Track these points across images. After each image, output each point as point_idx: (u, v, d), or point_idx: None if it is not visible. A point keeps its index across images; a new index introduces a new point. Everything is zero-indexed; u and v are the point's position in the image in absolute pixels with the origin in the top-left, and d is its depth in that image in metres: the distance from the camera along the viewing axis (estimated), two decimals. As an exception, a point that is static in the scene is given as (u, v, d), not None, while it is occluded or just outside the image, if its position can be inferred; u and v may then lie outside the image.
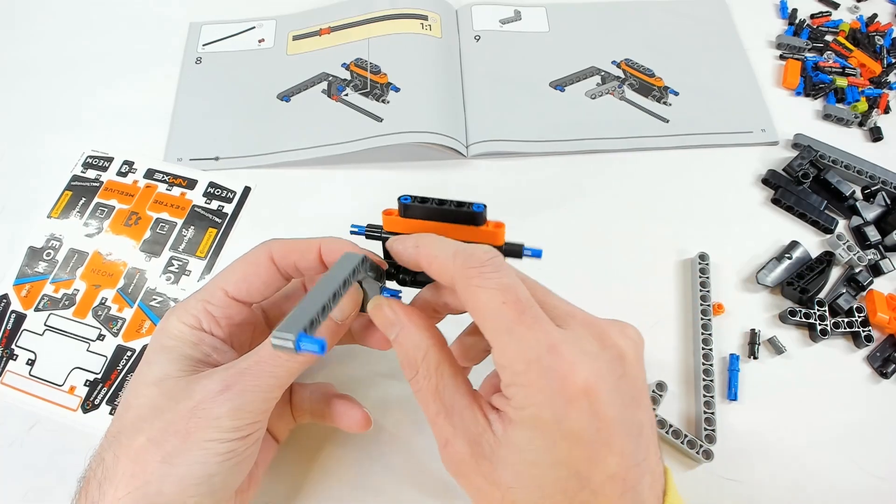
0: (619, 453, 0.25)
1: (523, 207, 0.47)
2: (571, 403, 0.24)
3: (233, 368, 0.29)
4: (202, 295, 0.31)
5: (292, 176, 0.49)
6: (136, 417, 0.28)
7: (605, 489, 0.24)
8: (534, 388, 0.24)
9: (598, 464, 0.24)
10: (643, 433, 0.26)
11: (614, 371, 0.25)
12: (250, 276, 0.32)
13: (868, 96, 0.53)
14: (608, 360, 0.25)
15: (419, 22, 0.56)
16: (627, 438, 0.25)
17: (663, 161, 0.50)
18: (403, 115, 0.50)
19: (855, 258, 0.44)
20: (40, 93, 0.53)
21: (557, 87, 0.54)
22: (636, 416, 0.26)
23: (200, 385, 0.28)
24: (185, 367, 0.29)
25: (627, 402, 0.25)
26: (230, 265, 0.32)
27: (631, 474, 0.25)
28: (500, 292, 0.25)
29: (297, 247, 0.32)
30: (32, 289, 0.44)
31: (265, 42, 0.57)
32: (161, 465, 0.26)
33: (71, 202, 0.47)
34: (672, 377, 0.40)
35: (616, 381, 0.25)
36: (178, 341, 0.30)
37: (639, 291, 0.44)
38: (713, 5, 0.60)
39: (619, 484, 0.25)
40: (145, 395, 0.28)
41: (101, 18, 0.58)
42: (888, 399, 0.40)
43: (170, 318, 0.31)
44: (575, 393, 0.24)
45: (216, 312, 0.31)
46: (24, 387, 0.40)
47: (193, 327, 0.30)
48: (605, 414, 0.24)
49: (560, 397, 0.24)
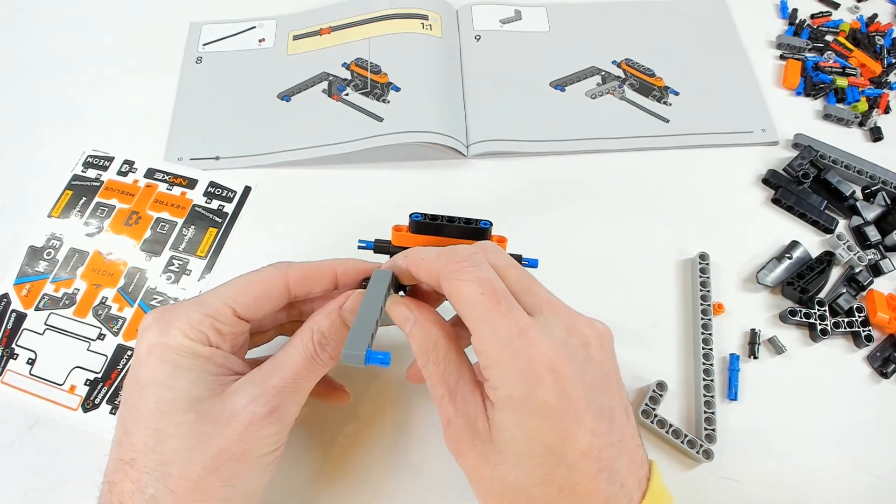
0: (589, 431, 0.26)
1: (523, 207, 0.47)
2: (538, 381, 0.26)
3: (268, 385, 0.29)
4: (206, 310, 0.30)
5: (292, 176, 0.49)
6: (183, 448, 0.27)
7: (579, 466, 0.26)
8: (505, 369, 0.26)
9: (570, 439, 0.26)
10: (615, 417, 0.28)
11: (579, 356, 0.28)
12: (261, 300, 0.31)
13: (868, 96, 0.53)
14: (574, 345, 0.28)
15: (419, 22, 0.56)
16: (598, 419, 0.27)
17: (663, 161, 0.50)
18: (404, 115, 0.50)
19: (855, 258, 0.44)
20: (41, 92, 0.53)
21: (558, 87, 0.54)
22: (604, 400, 0.28)
23: (241, 406, 0.28)
24: (211, 386, 0.29)
25: (595, 385, 0.27)
26: (240, 281, 0.32)
27: (605, 454, 0.26)
28: (479, 285, 0.28)
29: (313, 273, 0.32)
30: (33, 288, 0.44)
31: (265, 42, 0.57)
32: (223, 489, 0.28)
33: (71, 202, 0.47)
34: (672, 377, 0.40)
35: (582, 365, 0.27)
36: (194, 359, 0.29)
37: (639, 291, 0.44)
38: (713, 5, 0.60)
39: (594, 462, 0.26)
40: (183, 422, 0.28)
41: (102, 18, 0.58)
42: (888, 399, 0.40)
43: (169, 331, 0.29)
44: (541, 371, 0.26)
45: (224, 330, 0.30)
46: (25, 386, 0.40)
47: (203, 343, 0.30)
48: (572, 393, 0.26)
49: (528, 375, 0.26)
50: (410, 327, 0.30)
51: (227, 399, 0.29)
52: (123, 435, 0.28)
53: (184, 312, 0.30)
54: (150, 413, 0.28)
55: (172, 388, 0.28)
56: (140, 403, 0.28)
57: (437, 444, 0.37)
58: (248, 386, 0.29)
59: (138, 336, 0.30)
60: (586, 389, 0.27)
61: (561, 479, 0.26)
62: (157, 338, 0.29)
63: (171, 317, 0.29)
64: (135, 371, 0.29)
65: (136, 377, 0.29)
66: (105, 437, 0.38)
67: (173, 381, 0.28)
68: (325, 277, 0.33)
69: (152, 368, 0.28)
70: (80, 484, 0.37)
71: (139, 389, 0.28)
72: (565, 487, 0.26)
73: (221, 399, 0.28)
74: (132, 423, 0.28)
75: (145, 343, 0.29)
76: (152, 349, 0.29)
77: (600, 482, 0.26)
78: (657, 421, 0.38)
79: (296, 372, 0.30)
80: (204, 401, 0.28)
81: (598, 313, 0.31)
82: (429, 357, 0.29)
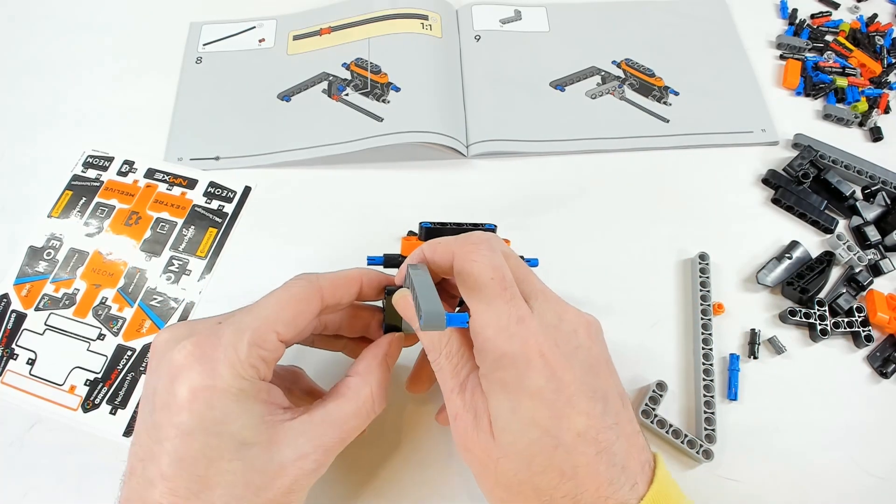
0: (584, 413, 0.27)
1: (523, 207, 0.47)
2: (530, 364, 0.27)
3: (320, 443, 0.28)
4: (252, 338, 0.28)
5: (292, 176, 0.49)
6: (229, 497, 0.26)
7: (577, 447, 0.27)
8: (499, 352, 0.27)
9: (564, 421, 0.27)
10: (609, 399, 0.28)
11: (570, 341, 0.29)
12: (299, 317, 0.30)
13: (868, 96, 0.53)
14: (565, 331, 0.29)
15: (419, 22, 0.56)
16: (591, 401, 0.27)
17: (663, 161, 0.50)
18: (404, 115, 0.50)
19: (855, 258, 0.44)
20: (41, 92, 0.53)
21: (558, 87, 0.54)
22: (596, 383, 0.29)
23: (290, 461, 0.27)
24: (258, 430, 0.27)
25: (585, 369, 0.28)
26: (275, 300, 0.30)
27: (602, 436, 0.27)
28: (490, 269, 0.29)
29: (341, 282, 0.32)
30: (33, 288, 0.44)
31: (265, 42, 0.57)
32: None
33: (71, 202, 0.47)
34: (672, 377, 0.40)
35: (572, 350, 0.29)
36: (243, 401, 0.27)
37: (639, 291, 0.44)
38: (713, 5, 0.60)
39: (592, 443, 0.27)
40: (230, 470, 0.26)
41: (102, 18, 0.58)
42: (888, 399, 0.40)
43: (217, 370, 0.26)
44: (532, 355, 0.27)
45: (269, 358, 0.28)
46: (25, 386, 0.40)
47: (253, 378, 0.27)
48: (562, 376, 0.27)
49: (520, 359, 0.27)
50: None
51: (276, 449, 0.27)
52: (160, 478, 0.25)
53: (230, 345, 0.27)
54: (194, 460, 0.26)
55: (220, 436, 0.26)
56: (182, 449, 0.26)
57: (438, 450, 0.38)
58: (300, 439, 0.28)
59: (172, 372, 0.26)
60: (577, 373, 0.28)
61: (561, 463, 0.26)
62: (202, 380, 0.26)
63: (215, 351, 0.27)
64: (173, 414, 0.26)
65: (175, 421, 0.26)
66: (105, 437, 0.39)
67: (221, 428, 0.26)
68: (353, 287, 0.32)
69: (198, 415, 0.26)
70: (80, 484, 0.37)
71: (182, 435, 0.26)
72: (567, 472, 0.26)
73: (269, 448, 0.27)
74: (172, 467, 0.25)
75: (187, 386, 0.26)
76: (198, 394, 0.26)
77: (601, 464, 0.27)
78: (657, 421, 0.38)
79: (351, 431, 0.30)
80: (251, 447, 0.27)
81: (598, 313, 0.31)
82: (442, 351, 0.30)
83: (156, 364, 0.28)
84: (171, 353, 0.27)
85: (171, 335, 0.28)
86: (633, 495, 0.27)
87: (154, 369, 0.28)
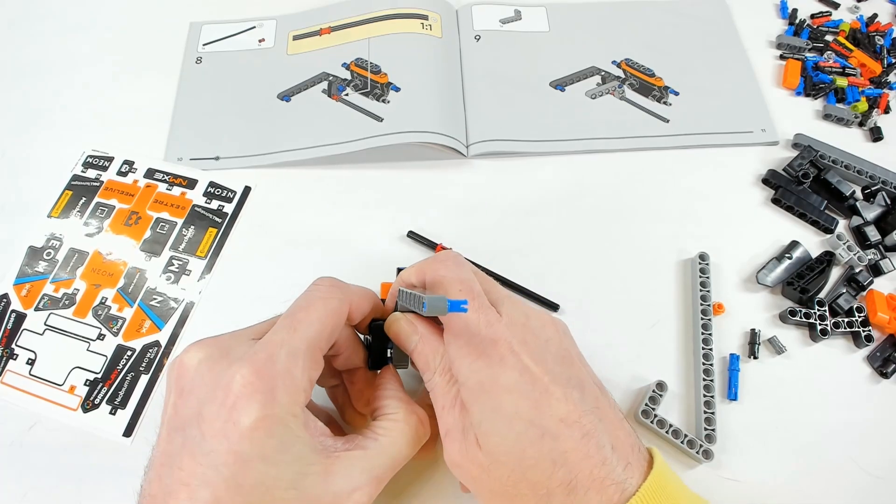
0: (562, 399, 0.28)
1: (523, 207, 0.47)
2: (503, 361, 0.28)
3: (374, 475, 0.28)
4: (306, 363, 0.28)
5: (292, 176, 0.49)
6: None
7: (562, 433, 0.27)
8: (473, 356, 0.29)
9: (545, 409, 0.28)
10: (585, 387, 0.30)
11: (539, 336, 0.30)
12: (335, 331, 0.30)
13: (868, 96, 0.53)
14: (533, 328, 0.31)
15: (419, 22, 0.56)
16: (567, 388, 0.29)
17: (663, 161, 0.50)
18: (404, 115, 0.50)
19: (855, 258, 0.44)
20: (41, 92, 0.53)
21: (557, 87, 0.54)
22: (570, 372, 0.30)
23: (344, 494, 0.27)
24: (313, 460, 0.27)
25: (557, 360, 0.30)
26: (315, 315, 0.29)
27: (585, 420, 0.28)
28: (459, 282, 0.30)
29: (364, 299, 0.33)
30: (32, 288, 0.44)
31: (265, 42, 0.57)
32: None
33: (71, 202, 0.47)
34: (672, 377, 0.40)
35: (543, 344, 0.30)
36: (300, 430, 0.27)
37: (639, 291, 0.44)
38: (713, 5, 0.60)
39: (576, 427, 0.27)
40: (286, 499, 0.26)
41: (102, 18, 0.58)
42: (888, 399, 0.40)
43: (276, 398, 0.26)
44: (504, 353, 0.28)
45: (315, 378, 0.29)
46: (24, 386, 0.40)
47: (305, 404, 0.28)
48: (535, 370, 0.28)
49: (492, 359, 0.28)
50: (416, 343, 0.32)
51: (330, 480, 0.27)
52: (214, 502, 0.25)
53: (287, 372, 0.27)
54: (252, 487, 0.25)
55: (278, 465, 0.26)
56: (241, 476, 0.25)
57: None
58: (354, 472, 0.28)
59: (231, 401, 0.26)
60: (549, 365, 0.29)
61: (551, 451, 0.27)
62: (263, 409, 0.26)
63: (273, 379, 0.26)
64: (232, 442, 0.25)
65: (235, 449, 0.25)
66: (104, 437, 0.39)
67: (280, 457, 0.26)
68: (370, 305, 0.33)
69: (258, 444, 0.25)
70: (81, 484, 0.37)
71: (241, 462, 0.25)
72: (558, 459, 0.27)
73: (324, 479, 0.27)
74: (229, 493, 0.25)
75: (249, 416, 0.25)
76: (259, 423, 0.25)
77: (589, 447, 0.27)
78: (657, 421, 0.38)
79: (403, 460, 0.30)
80: (307, 476, 0.26)
81: (598, 313, 0.32)
82: (435, 369, 0.31)
83: (192, 384, 0.27)
84: (224, 378, 0.26)
85: (205, 355, 0.28)
86: (627, 475, 0.27)
87: (190, 390, 0.27)
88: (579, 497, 0.27)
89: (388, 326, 0.33)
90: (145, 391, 0.40)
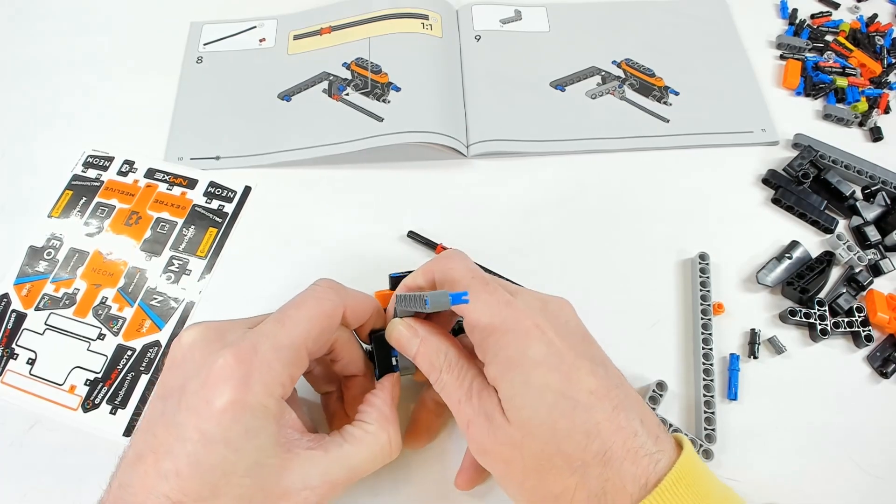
0: (590, 373, 0.28)
1: (524, 207, 0.47)
2: (529, 335, 0.29)
3: (328, 479, 0.28)
4: (288, 357, 0.28)
5: (293, 175, 0.49)
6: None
7: (594, 404, 0.28)
8: (497, 334, 0.29)
9: (575, 382, 0.28)
10: (607, 364, 0.30)
11: (557, 319, 0.31)
12: (325, 333, 0.31)
13: (868, 96, 0.53)
14: (551, 310, 0.31)
15: (420, 21, 0.56)
16: (593, 364, 0.29)
17: (663, 161, 0.50)
18: (404, 115, 0.50)
19: (855, 258, 0.44)
20: (41, 92, 0.53)
21: (558, 87, 0.54)
22: (591, 351, 0.31)
23: (295, 490, 0.27)
24: (273, 452, 0.27)
25: (577, 340, 0.30)
26: (306, 314, 0.30)
27: (613, 393, 0.28)
28: (469, 271, 0.31)
29: (362, 305, 0.33)
30: (33, 288, 0.44)
31: (266, 41, 0.57)
32: None
33: (71, 202, 0.47)
34: (672, 377, 0.40)
35: (562, 325, 0.31)
36: (266, 421, 0.27)
37: (639, 291, 0.44)
38: (713, 5, 0.60)
39: (606, 399, 0.28)
40: (239, 485, 0.26)
41: (102, 18, 0.58)
42: (888, 399, 0.40)
43: (250, 386, 0.27)
44: (528, 327, 0.29)
45: (296, 375, 0.29)
46: (25, 386, 0.40)
47: (280, 397, 0.28)
48: (560, 346, 0.29)
49: (518, 333, 0.29)
50: (417, 346, 0.32)
51: (284, 475, 0.27)
52: (175, 475, 0.26)
53: (266, 363, 0.28)
54: (211, 468, 0.26)
55: (238, 451, 0.26)
56: (202, 455, 0.26)
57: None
58: (309, 472, 0.28)
59: (210, 380, 0.27)
60: (571, 343, 0.29)
61: (584, 423, 0.27)
62: (236, 394, 0.26)
63: (251, 367, 0.27)
64: (201, 420, 0.26)
65: (202, 427, 0.26)
66: (105, 437, 0.39)
67: (242, 444, 0.26)
68: (368, 312, 0.33)
69: (224, 427, 0.26)
70: (80, 484, 0.37)
71: (205, 441, 0.26)
72: (591, 430, 0.27)
73: (279, 471, 0.27)
74: (189, 469, 0.26)
75: (222, 397, 0.26)
76: (228, 407, 0.26)
77: (620, 419, 0.27)
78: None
79: (361, 473, 0.30)
80: (263, 467, 0.27)
81: (598, 313, 0.32)
82: (441, 368, 0.31)
83: (182, 360, 0.28)
84: (209, 359, 0.27)
85: (200, 336, 0.29)
86: (658, 448, 0.27)
87: (179, 364, 0.28)
88: (615, 468, 0.27)
89: (389, 334, 0.33)
90: (146, 391, 0.40)
